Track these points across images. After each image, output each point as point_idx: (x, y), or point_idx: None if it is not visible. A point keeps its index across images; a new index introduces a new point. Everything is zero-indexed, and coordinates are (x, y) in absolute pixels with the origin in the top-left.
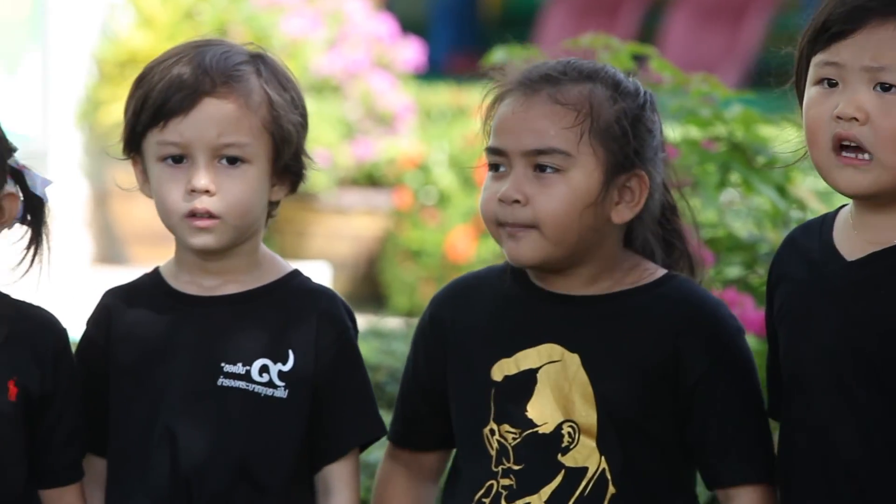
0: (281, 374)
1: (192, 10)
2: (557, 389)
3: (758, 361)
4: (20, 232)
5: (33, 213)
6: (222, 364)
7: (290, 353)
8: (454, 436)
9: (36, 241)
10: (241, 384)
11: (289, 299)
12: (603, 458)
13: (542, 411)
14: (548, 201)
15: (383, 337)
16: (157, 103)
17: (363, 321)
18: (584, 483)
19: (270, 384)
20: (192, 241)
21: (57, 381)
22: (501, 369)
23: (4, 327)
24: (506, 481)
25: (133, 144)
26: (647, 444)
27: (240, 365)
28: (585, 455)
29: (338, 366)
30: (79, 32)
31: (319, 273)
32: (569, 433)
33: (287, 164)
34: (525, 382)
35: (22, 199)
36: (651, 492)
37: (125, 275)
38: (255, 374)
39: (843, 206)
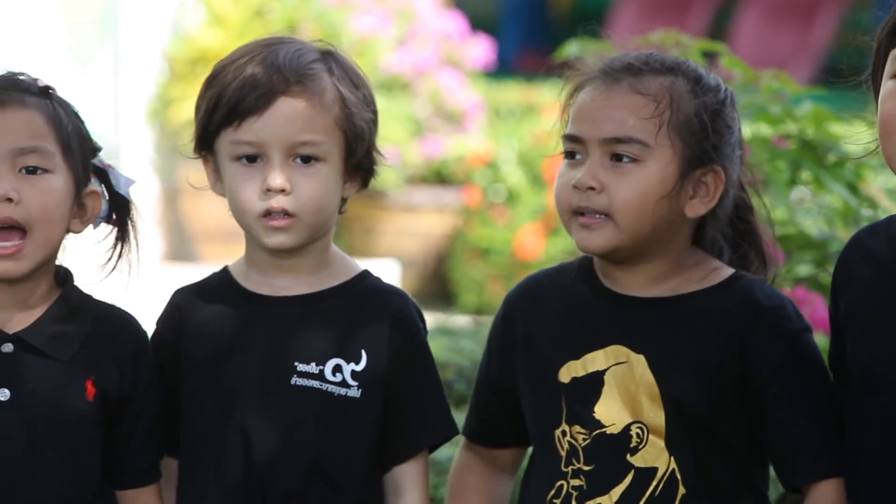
0: (354, 374)
1: (263, 9)
2: (625, 391)
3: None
4: (104, 231)
5: (118, 211)
6: (296, 363)
7: (363, 352)
8: (529, 434)
9: (122, 239)
10: (315, 384)
11: (361, 299)
12: (672, 458)
13: (610, 412)
14: (622, 190)
15: (452, 335)
16: (231, 103)
17: (431, 319)
18: (654, 483)
19: (344, 384)
20: (267, 241)
21: (136, 383)
22: (569, 371)
23: (85, 327)
24: (576, 482)
25: (205, 143)
26: (716, 444)
27: (313, 364)
28: (655, 455)
29: (410, 366)
30: (150, 31)
31: (388, 271)
32: (637, 434)
33: (359, 161)
34: (592, 384)
35: (107, 198)
36: (722, 492)
37: (195, 272)
38: (328, 374)
39: None
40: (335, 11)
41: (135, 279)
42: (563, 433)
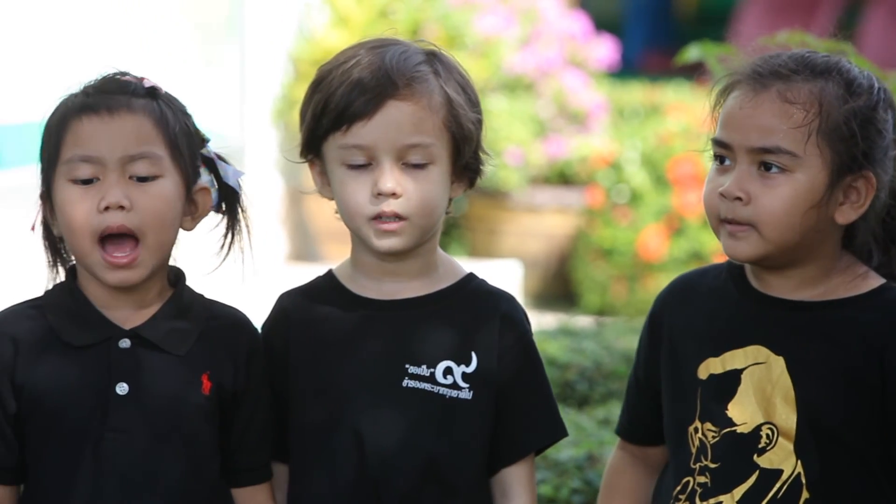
0: (465, 376)
1: (387, 9)
2: (760, 391)
3: None
4: (216, 220)
5: (227, 200)
6: (407, 366)
7: (473, 354)
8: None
9: (231, 229)
10: (427, 386)
11: (470, 302)
12: (799, 462)
13: (743, 411)
14: (771, 202)
15: (574, 335)
16: (340, 107)
17: (553, 320)
18: (777, 485)
19: (455, 386)
20: (378, 244)
21: (249, 378)
22: (707, 368)
23: (199, 324)
24: (702, 479)
25: (312, 147)
26: (846, 453)
27: (424, 367)
28: (782, 457)
29: (519, 368)
30: (275, 31)
31: (511, 271)
32: (767, 435)
33: (467, 162)
34: (729, 382)
35: (216, 186)
36: (846, 502)
37: (319, 272)
38: (439, 376)
39: None
40: (459, 12)
41: (253, 277)
42: (696, 430)
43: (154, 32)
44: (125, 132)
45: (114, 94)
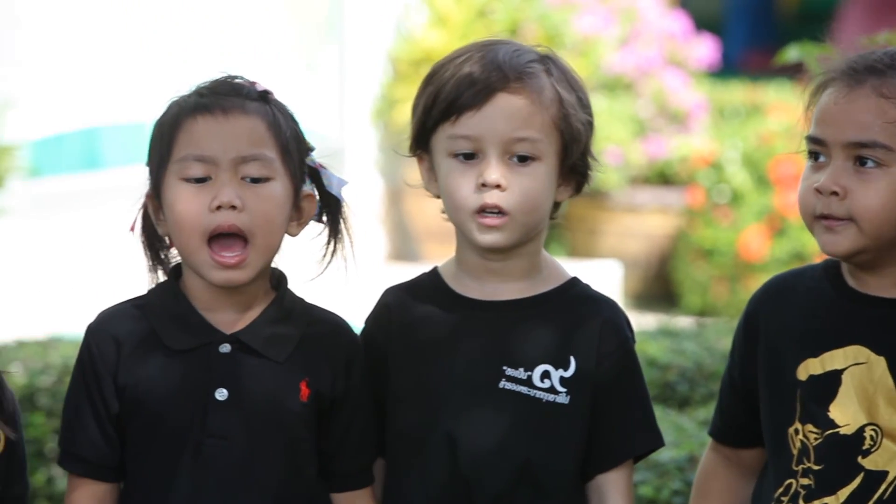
0: (563, 380)
1: (486, 9)
2: (861, 391)
3: None
4: (318, 228)
5: (329, 211)
6: (504, 368)
7: (572, 359)
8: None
9: (333, 238)
10: (523, 389)
11: (571, 306)
12: None
13: (845, 413)
14: (867, 196)
15: (674, 336)
16: (450, 98)
17: (654, 320)
18: (883, 487)
19: (552, 390)
20: (480, 239)
21: (349, 384)
22: (807, 369)
23: (299, 329)
24: (805, 481)
25: (422, 141)
26: None
27: (521, 370)
28: (887, 459)
29: (618, 374)
30: (374, 31)
31: (611, 272)
32: (871, 436)
33: (574, 163)
34: (829, 383)
35: (318, 197)
36: None
37: (419, 272)
38: (536, 380)
39: None
40: (558, 11)
41: (353, 277)
42: (796, 431)
43: (255, 36)
44: (239, 133)
45: (228, 96)
